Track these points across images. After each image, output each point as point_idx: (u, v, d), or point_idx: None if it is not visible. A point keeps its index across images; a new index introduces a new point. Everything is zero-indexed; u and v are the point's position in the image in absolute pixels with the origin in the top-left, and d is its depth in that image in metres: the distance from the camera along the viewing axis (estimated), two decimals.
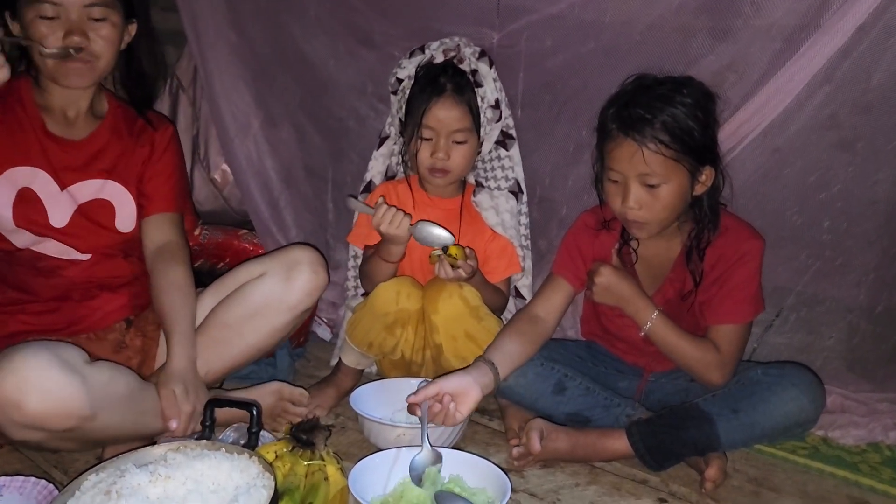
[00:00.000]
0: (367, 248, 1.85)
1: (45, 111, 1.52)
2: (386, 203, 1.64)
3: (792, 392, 1.44)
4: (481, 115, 1.72)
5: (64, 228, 1.52)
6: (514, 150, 1.82)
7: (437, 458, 1.33)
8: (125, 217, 1.58)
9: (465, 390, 1.41)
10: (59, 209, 1.51)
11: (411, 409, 1.40)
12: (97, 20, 1.45)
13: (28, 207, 1.49)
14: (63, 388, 1.24)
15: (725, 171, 1.52)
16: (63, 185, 1.52)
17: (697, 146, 1.43)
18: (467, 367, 1.50)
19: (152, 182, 1.61)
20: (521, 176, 1.84)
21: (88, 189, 1.54)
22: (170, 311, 1.53)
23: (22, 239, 1.49)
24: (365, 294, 1.80)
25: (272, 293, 1.60)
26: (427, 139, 1.70)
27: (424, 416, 1.36)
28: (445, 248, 1.62)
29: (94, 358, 1.37)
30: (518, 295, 1.90)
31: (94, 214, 1.55)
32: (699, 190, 1.48)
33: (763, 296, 1.55)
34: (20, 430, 1.24)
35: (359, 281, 1.90)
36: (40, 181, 1.50)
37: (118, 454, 1.18)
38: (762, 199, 1.70)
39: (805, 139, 1.61)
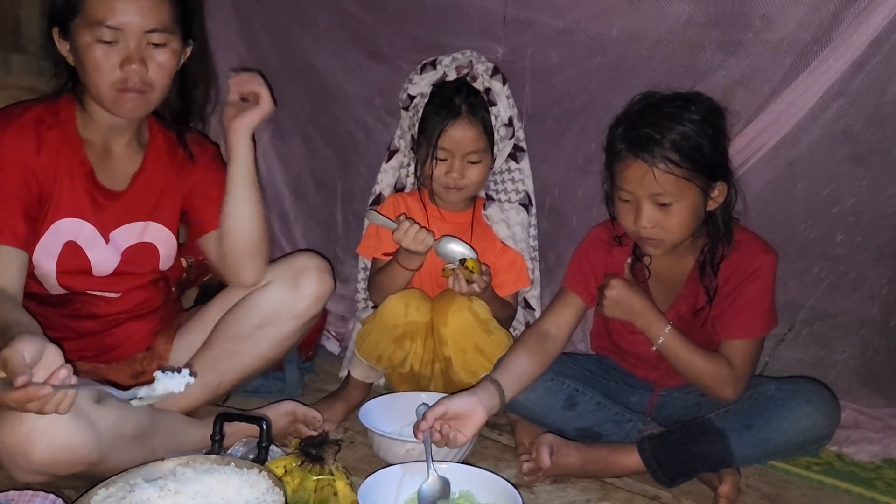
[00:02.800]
0: (375, 259, 1.85)
1: (88, 147, 1.45)
2: (408, 218, 1.64)
3: (806, 408, 1.42)
4: (495, 134, 1.72)
5: (106, 278, 1.50)
6: (525, 163, 1.82)
7: (445, 485, 1.31)
8: (166, 256, 1.57)
9: (470, 412, 1.39)
10: (104, 260, 1.48)
11: (416, 434, 1.38)
12: (156, 45, 1.37)
13: (73, 263, 1.45)
14: (71, 436, 1.19)
15: (738, 185, 1.51)
16: (107, 236, 1.48)
17: (708, 163, 1.42)
18: (474, 387, 1.48)
19: (203, 207, 1.59)
20: (531, 188, 1.84)
21: (131, 233, 1.51)
22: None
23: (59, 290, 1.47)
24: (374, 306, 1.80)
25: (280, 301, 1.58)
26: (442, 160, 1.71)
27: (428, 445, 1.34)
28: (462, 261, 1.62)
29: (111, 385, 1.36)
30: (527, 306, 1.90)
31: (138, 260, 1.52)
32: (712, 205, 1.47)
33: (776, 310, 1.54)
34: (26, 474, 1.22)
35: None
36: (86, 234, 1.45)
37: None
38: (775, 213, 1.69)
39: (818, 153, 1.60)
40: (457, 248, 1.64)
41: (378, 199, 1.89)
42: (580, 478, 1.52)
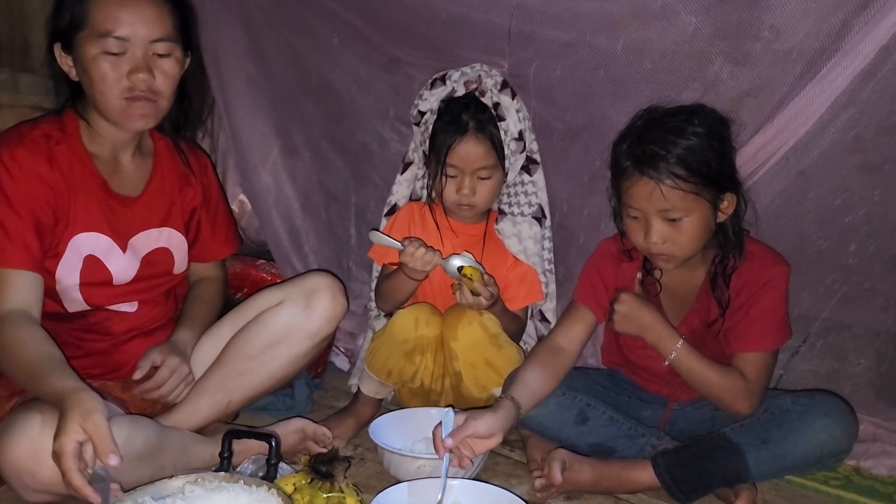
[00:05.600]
0: (383, 266, 1.84)
1: (97, 160, 1.46)
2: (413, 240, 1.64)
3: (823, 422, 1.40)
4: (505, 149, 1.72)
5: (126, 287, 1.51)
6: (538, 175, 1.82)
7: None
8: (180, 260, 1.60)
9: (490, 433, 1.38)
10: (124, 269, 1.50)
11: (437, 444, 1.35)
12: (161, 56, 1.39)
13: (94, 275, 1.46)
14: None
15: (747, 196, 1.50)
16: (125, 244, 1.49)
17: (716, 175, 1.41)
18: (495, 406, 1.45)
19: (209, 235, 1.66)
20: (544, 201, 1.83)
21: (149, 240, 1.53)
22: (188, 310, 1.63)
23: (77, 306, 1.47)
24: (387, 315, 1.79)
25: (292, 321, 1.57)
26: (452, 176, 1.71)
27: (446, 466, 1.32)
28: (461, 268, 1.61)
29: (119, 403, 1.35)
30: (543, 318, 1.88)
31: (156, 263, 1.54)
32: (722, 217, 1.46)
33: (790, 322, 1.52)
34: (33, 494, 1.23)
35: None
36: (103, 246, 1.46)
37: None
38: (786, 224, 1.67)
39: (829, 162, 1.58)
40: (457, 262, 1.64)
41: (393, 210, 1.90)
42: (593, 493, 1.50)
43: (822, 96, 1.51)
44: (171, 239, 1.57)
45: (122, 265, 1.49)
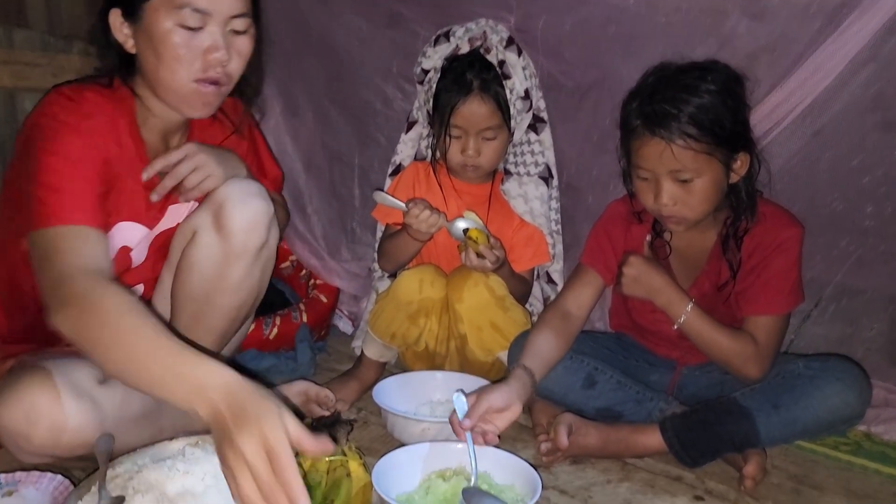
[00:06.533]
0: (387, 226, 1.81)
1: (148, 145, 1.34)
2: (418, 202, 1.60)
3: (836, 386, 1.37)
4: (511, 108, 1.67)
5: (137, 269, 1.43)
6: (545, 134, 1.77)
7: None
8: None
9: (509, 406, 1.34)
10: (140, 253, 1.42)
11: (456, 430, 1.31)
12: (237, 33, 1.26)
13: (121, 265, 1.37)
14: (73, 417, 1.15)
15: (761, 156, 1.46)
16: (153, 228, 1.41)
17: (729, 135, 1.36)
18: (509, 377, 1.42)
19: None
20: (551, 160, 1.79)
21: (167, 220, 1.43)
22: None
23: None
24: (390, 277, 1.75)
25: (211, 251, 1.37)
26: (456, 137, 1.66)
27: (471, 446, 1.27)
28: (466, 230, 1.58)
29: None
30: (549, 280, 1.85)
31: (164, 245, 1.45)
32: (734, 178, 1.42)
33: (802, 285, 1.49)
34: (28, 456, 1.20)
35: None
36: (137, 236, 1.38)
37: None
38: (801, 185, 1.62)
39: (848, 121, 1.53)
40: (462, 224, 1.60)
41: (398, 170, 1.86)
42: (600, 458, 1.48)
43: (842, 51, 1.46)
44: (181, 214, 1.45)
45: (140, 250, 1.41)
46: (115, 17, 1.25)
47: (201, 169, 1.36)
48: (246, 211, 1.36)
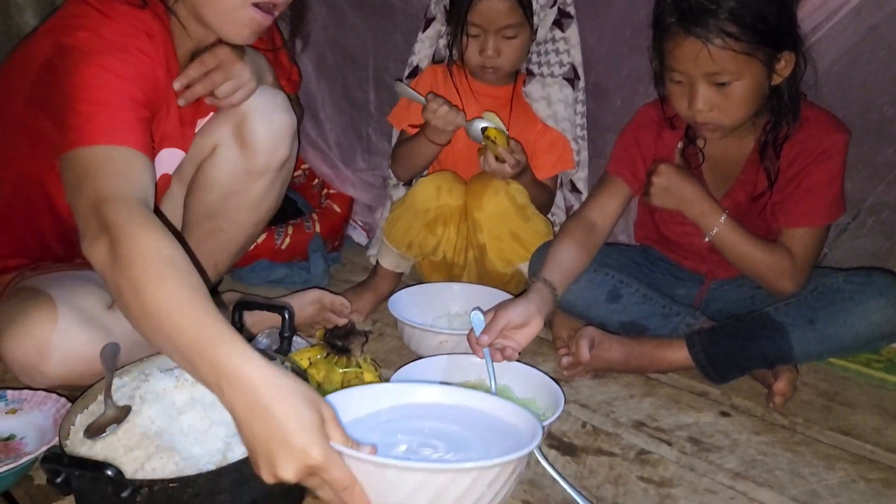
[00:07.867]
0: (402, 131, 1.74)
1: (181, 68, 1.26)
2: (437, 96, 1.51)
3: (879, 301, 1.29)
4: (533, 3, 1.55)
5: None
6: (572, 31, 1.65)
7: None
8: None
9: (528, 321, 1.27)
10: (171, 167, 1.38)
11: (474, 348, 1.26)
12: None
13: (158, 193, 1.33)
14: (84, 347, 1.14)
15: (808, 55, 1.34)
16: (187, 153, 1.36)
17: (773, 31, 1.25)
18: (529, 291, 1.36)
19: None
20: (578, 59, 1.67)
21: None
22: None
23: None
24: (406, 184, 1.69)
25: (233, 168, 1.34)
26: (474, 36, 1.56)
27: (489, 362, 1.23)
28: (484, 129, 1.49)
29: None
30: (574, 189, 1.77)
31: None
32: (777, 80, 1.31)
33: (844, 196, 1.40)
34: (44, 385, 1.18)
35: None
36: (174, 160, 1.34)
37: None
38: (849, 87, 1.49)
39: None
40: (481, 123, 1.52)
41: (415, 72, 1.76)
42: (623, 373, 1.44)
43: None
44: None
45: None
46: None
47: (235, 79, 1.28)
48: (271, 126, 1.33)
